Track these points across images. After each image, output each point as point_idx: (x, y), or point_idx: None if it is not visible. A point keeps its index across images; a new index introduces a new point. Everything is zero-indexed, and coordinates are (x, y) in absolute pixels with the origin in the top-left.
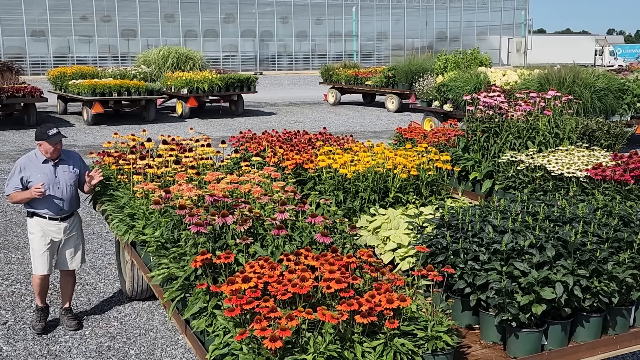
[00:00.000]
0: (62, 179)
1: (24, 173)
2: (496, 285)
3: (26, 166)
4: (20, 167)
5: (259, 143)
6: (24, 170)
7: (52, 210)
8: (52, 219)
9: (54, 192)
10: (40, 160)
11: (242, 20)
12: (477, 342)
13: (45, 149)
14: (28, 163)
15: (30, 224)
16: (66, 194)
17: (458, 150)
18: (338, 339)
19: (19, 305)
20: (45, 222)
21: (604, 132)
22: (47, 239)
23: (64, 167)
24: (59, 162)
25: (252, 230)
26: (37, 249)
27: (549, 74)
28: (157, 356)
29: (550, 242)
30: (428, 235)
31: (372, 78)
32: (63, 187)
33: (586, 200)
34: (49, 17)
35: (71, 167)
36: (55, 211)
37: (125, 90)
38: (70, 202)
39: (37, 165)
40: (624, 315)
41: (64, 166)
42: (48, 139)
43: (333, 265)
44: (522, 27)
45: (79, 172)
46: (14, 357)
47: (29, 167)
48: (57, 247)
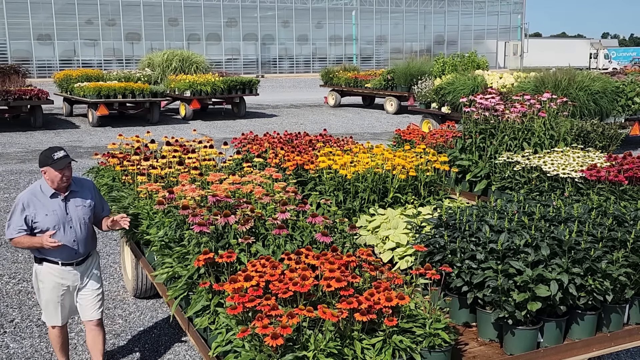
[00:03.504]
0: (74, 217)
1: (28, 211)
2: (493, 284)
3: (30, 202)
4: (22, 203)
5: (261, 144)
6: (28, 207)
7: (65, 255)
8: (65, 265)
9: (66, 234)
10: (47, 194)
11: (244, 24)
12: (474, 339)
13: (51, 178)
14: (32, 199)
15: (40, 272)
16: (81, 234)
17: (455, 152)
18: (338, 337)
19: (26, 304)
20: (58, 269)
21: (599, 133)
22: (61, 289)
23: (76, 200)
24: (70, 195)
25: (253, 229)
26: (49, 299)
27: (545, 77)
28: (161, 353)
29: (545, 241)
30: (426, 235)
31: (372, 81)
32: (77, 226)
33: (581, 200)
34: (55, 21)
35: (85, 200)
36: (69, 256)
37: (129, 92)
38: (85, 242)
39: (44, 202)
40: (618, 313)
41: (77, 200)
42: (53, 164)
43: (333, 264)
44: (518, 30)
45: (93, 205)
46: (20, 354)
47: (33, 204)
48: (74, 293)
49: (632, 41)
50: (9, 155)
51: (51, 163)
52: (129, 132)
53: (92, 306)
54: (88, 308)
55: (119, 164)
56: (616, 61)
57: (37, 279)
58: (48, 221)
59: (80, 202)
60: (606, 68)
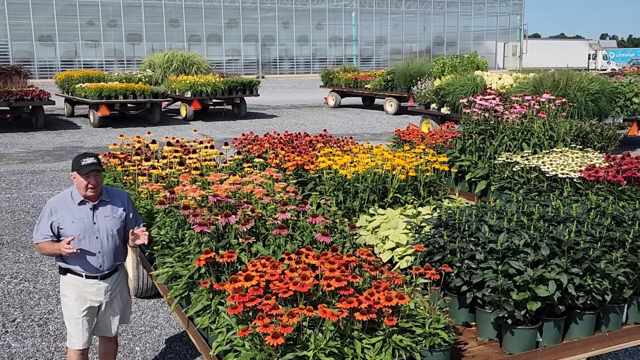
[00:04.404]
0: (102, 227)
1: (54, 217)
2: (492, 283)
3: (58, 207)
4: (51, 208)
5: (261, 145)
6: (55, 212)
7: (89, 267)
8: (89, 278)
9: (92, 245)
10: (76, 201)
11: (245, 25)
12: (474, 338)
13: (78, 183)
14: (61, 204)
15: (64, 283)
16: (107, 245)
17: (455, 152)
18: (338, 336)
19: (27, 303)
20: (82, 281)
21: (597, 134)
22: (85, 304)
23: (105, 210)
24: (100, 204)
25: (254, 229)
26: (72, 315)
27: (544, 78)
28: (162, 353)
29: (544, 241)
30: (426, 235)
31: (372, 81)
32: (103, 238)
33: (580, 200)
34: (56, 22)
35: (116, 210)
36: (93, 268)
37: (130, 93)
38: (112, 256)
39: (72, 208)
40: (616, 313)
41: (106, 209)
42: (80, 170)
43: (333, 264)
44: (517, 32)
45: (124, 216)
46: (22, 353)
47: (61, 210)
48: (97, 311)
49: (630, 42)
50: (11, 156)
51: (78, 168)
52: (130, 132)
53: (112, 324)
54: (108, 325)
55: (120, 165)
56: (615, 62)
57: (62, 292)
58: (74, 229)
59: (109, 212)
60: (605, 69)
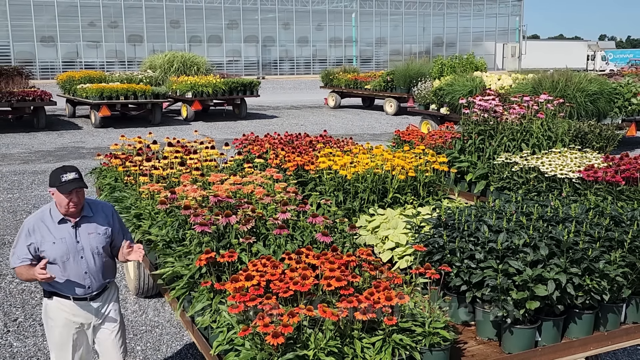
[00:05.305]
0: (86, 246)
1: (32, 238)
2: (492, 283)
3: (36, 228)
4: (28, 229)
5: (262, 145)
6: (33, 233)
7: (75, 289)
8: (78, 300)
9: (77, 265)
10: (55, 220)
11: (245, 26)
12: (473, 338)
13: (58, 201)
14: (38, 224)
15: (49, 308)
16: (94, 265)
17: (454, 152)
18: (338, 335)
19: (29, 303)
20: (70, 304)
21: (596, 134)
22: (73, 328)
23: (89, 227)
24: (82, 220)
25: (254, 229)
26: (58, 342)
27: (543, 78)
28: (163, 352)
29: (543, 241)
30: (425, 235)
31: (371, 82)
32: (89, 257)
33: (578, 200)
34: (57, 23)
35: (101, 226)
36: (81, 290)
37: (131, 94)
38: (99, 275)
39: (51, 228)
40: (615, 312)
41: (90, 226)
42: (60, 187)
43: (333, 263)
44: (516, 32)
45: (110, 232)
46: (24, 352)
47: (40, 230)
48: (89, 332)
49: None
50: (13, 156)
51: (58, 185)
52: (131, 133)
53: (114, 349)
54: (110, 351)
55: (122, 165)
56: (613, 63)
57: (46, 316)
58: (55, 250)
59: (93, 229)
60: (603, 70)
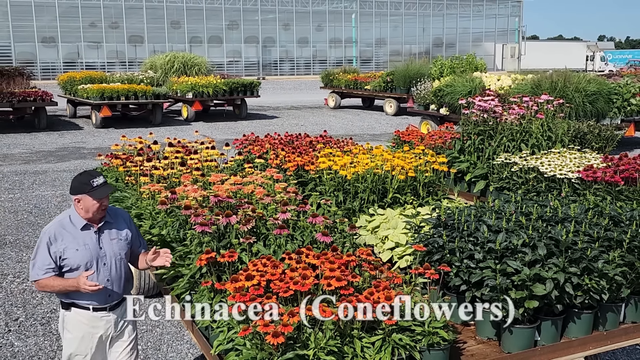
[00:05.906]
0: (109, 252)
1: (56, 246)
2: (491, 282)
3: (58, 236)
4: (50, 237)
5: (262, 145)
6: (56, 241)
7: (97, 298)
8: (97, 310)
9: (100, 272)
10: (77, 225)
11: (246, 27)
12: (473, 337)
13: (86, 207)
14: (60, 231)
15: (68, 320)
16: (116, 272)
17: (454, 153)
18: (338, 335)
19: (30, 302)
20: (89, 315)
21: (595, 135)
22: (92, 341)
23: (111, 233)
24: (104, 226)
25: (255, 229)
26: (76, 353)
27: (542, 79)
28: (164, 351)
29: (542, 241)
30: (425, 235)
31: (371, 83)
32: (111, 263)
33: (578, 200)
34: (58, 24)
35: (122, 232)
36: (102, 299)
37: (132, 94)
38: (120, 283)
39: (74, 234)
40: (614, 312)
41: (112, 232)
42: (92, 192)
43: (333, 263)
44: (516, 33)
45: (130, 237)
46: (25, 352)
47: (62, 237)
48: (107, 344)
49: (627, 43)
50: (14, 157)
51: (89, 191)
52: (132, 133)
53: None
54: None
55: (122, 165)
56: (612, 63)
57: (63, 328)
58: (79, 257)
59: (115, 234)
60: (602, 70)
